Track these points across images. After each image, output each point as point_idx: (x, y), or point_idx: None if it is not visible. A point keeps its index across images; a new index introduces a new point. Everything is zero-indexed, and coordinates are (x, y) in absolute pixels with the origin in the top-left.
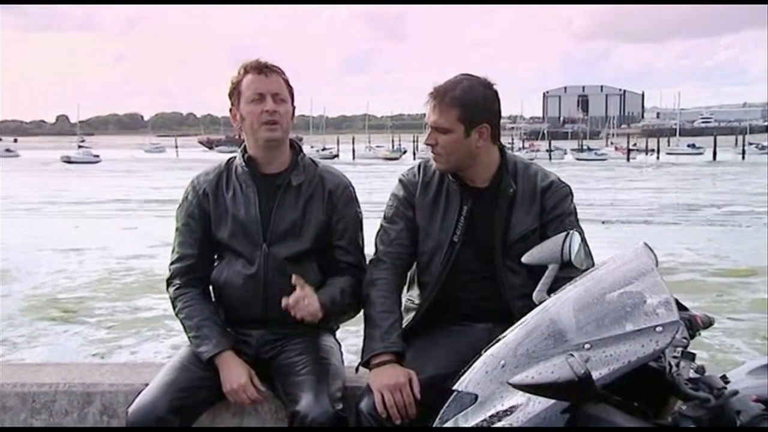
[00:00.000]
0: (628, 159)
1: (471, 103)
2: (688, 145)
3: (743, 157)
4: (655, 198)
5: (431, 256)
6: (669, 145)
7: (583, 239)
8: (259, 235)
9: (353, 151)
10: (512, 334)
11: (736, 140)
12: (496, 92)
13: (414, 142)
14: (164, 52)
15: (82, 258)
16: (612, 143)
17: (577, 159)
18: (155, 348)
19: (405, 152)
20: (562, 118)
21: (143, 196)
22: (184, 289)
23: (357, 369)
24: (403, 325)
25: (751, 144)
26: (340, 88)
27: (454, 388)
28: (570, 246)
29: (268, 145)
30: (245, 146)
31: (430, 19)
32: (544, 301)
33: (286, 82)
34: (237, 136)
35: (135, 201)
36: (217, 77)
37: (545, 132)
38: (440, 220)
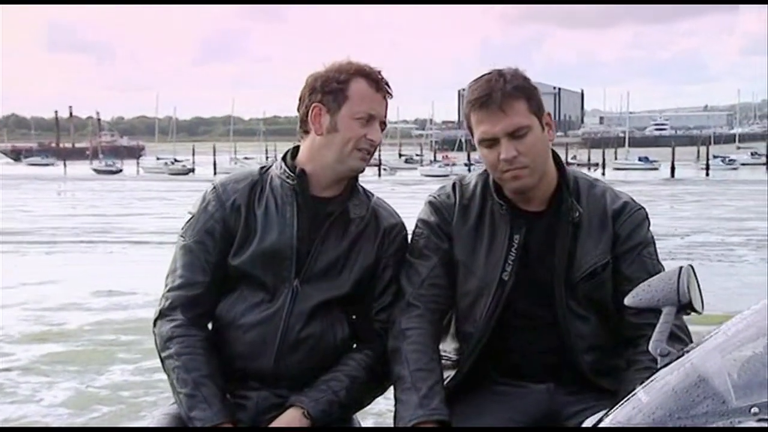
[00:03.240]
0: None
1: (529, 90)
2: (640, 159)
3: (707, 174)
4: None
5: (475, 299)
6: (616, 158)
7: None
8: (292, 268)
9: (214, 164)
10: (642, 394)
11: (698, 152)
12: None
13: None
14: None
15: None
16: None
17: None
18: None
19: None
20: None
21: None
22: (187, 329)
23: None
24: None
25: (716, 157)
26: (195, 80)
27: None
28: (688, 284)
29: (349, 173)
30: (292, 153)
31: None
32: (668, 353)
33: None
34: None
35: None
36: (27, 64)
37: (463, 141)
38: (485, 253)
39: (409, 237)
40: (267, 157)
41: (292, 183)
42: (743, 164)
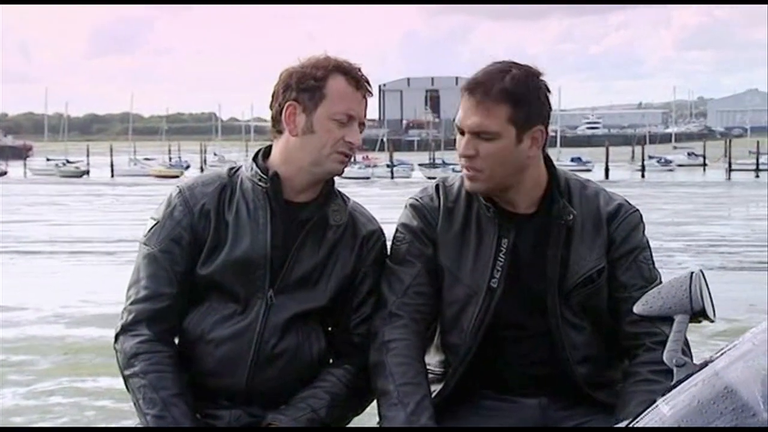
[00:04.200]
0: None
1: (524, 98)
2: (573, 159)
3: (643, 175)
4: None
5: (462, 308)
6: None
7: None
8: (265, 278)
9: (112, 166)
10: (664, 406)
11: (633, 152)
12: (547, 85)
13: (201, 153)
14: None
15: None
16: None
17: (429, 177)
18: None
19: (188, 167)
20: (405, 121)
21: None
22: (153, 345)
23: None
24: None
25: (651, 158)
26: (89, 74)
27: None
28: (700, 291)
29: (326, 176)
30: (263, 153)
31: None
32: (684, 364)
33: None
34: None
35: None
36: None
37: (384, 140)
38: (472, 258)
39: (388, 244)
40: (170, 158)
41: (265, 186)
42: (680, 165)
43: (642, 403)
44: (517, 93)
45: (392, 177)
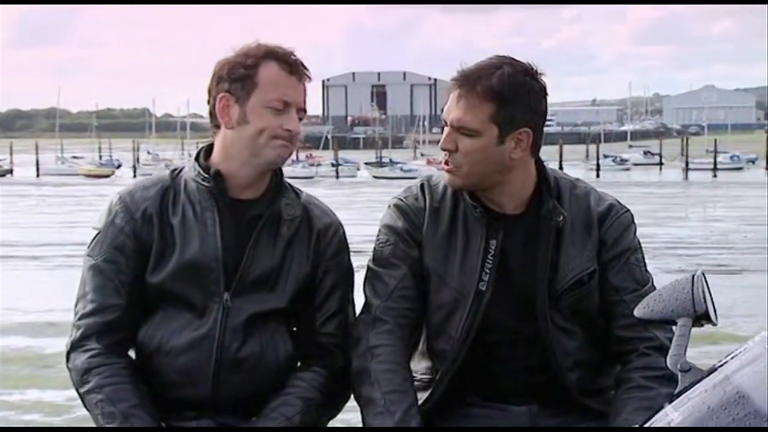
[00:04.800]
0: None
1: (511, 98)
2: None
3: (598, 175)
4: None
5: (449, 313)
6: None
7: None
8: (220, 281)
9: (37, 164)
10: (672, 412)
11: (587, 151)
12: (544, 86)
13: (134, 151)
14: None
15: None
16: (422, 154)
17: (375, 177)
18: None
19: (119, 166)
20: (350, 118)
21: None
22: (105, 358)
23: None
24: None
25: (606, 156)
26: (11, 66)
27: None
28: (702, 293)
29: (268, 167)
30: (205, 152)
31: None
32: (689, 369)
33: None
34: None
35: None
36: None
37: (328, 138)
38: (460, 261)
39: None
40: (100, 156)
41: (209, 186)
42: (636, 164)
43: (636, 411)
44: (503, 92)
45: (337, 176)
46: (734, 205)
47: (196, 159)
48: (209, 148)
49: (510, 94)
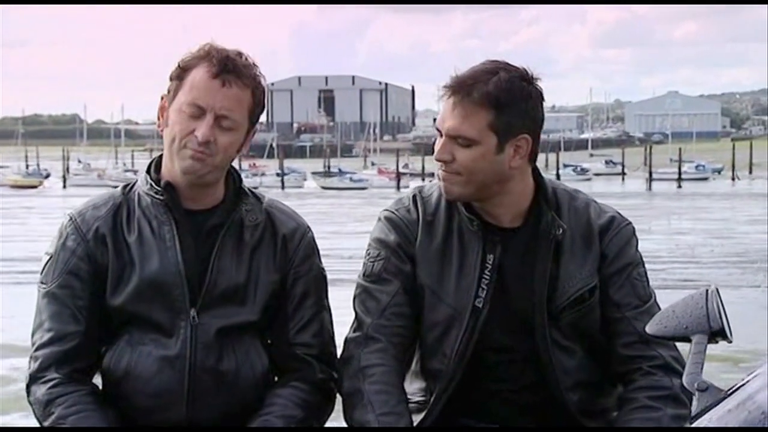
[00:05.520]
0: (398, 187)
1: (509, 104)
2: None
3: None
4: None
5: (444, 331)
6: None
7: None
8: (185, 298)
9: None
10: None
11: (547, 160)
12: (540, 91)
13: (64, 159)
14: None
15: None
16: (373, 163)
17: (323, 188)
18: None
19: (48, 176)
20: (296, 125)
21: None
22: (66, 387)
23: None
24: None
25: (567, 166)
26: None
27: None
28: (717, 309)
29: (186, 178)
30: (156, 163)
31: None
32: (707, 388)
33: (254, 96)
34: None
35: None
36: None
37: (273, 146)
38: (455, 276)
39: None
40: (27, 165)
41: (163, 198)
42: (597, 174)
43: None
44: (500, 98)
45: (283, 187)
46: (700, 218)
47: (147, 171)
48: (159, 160)
49: (508, 100)
